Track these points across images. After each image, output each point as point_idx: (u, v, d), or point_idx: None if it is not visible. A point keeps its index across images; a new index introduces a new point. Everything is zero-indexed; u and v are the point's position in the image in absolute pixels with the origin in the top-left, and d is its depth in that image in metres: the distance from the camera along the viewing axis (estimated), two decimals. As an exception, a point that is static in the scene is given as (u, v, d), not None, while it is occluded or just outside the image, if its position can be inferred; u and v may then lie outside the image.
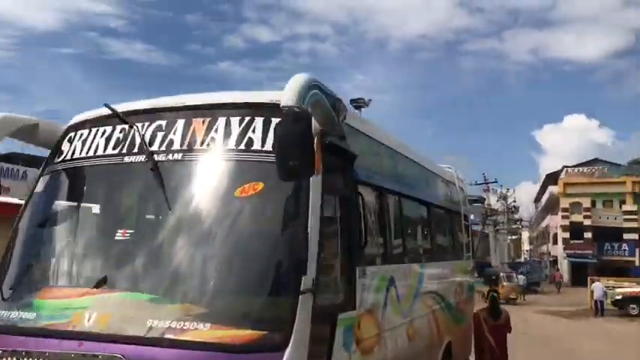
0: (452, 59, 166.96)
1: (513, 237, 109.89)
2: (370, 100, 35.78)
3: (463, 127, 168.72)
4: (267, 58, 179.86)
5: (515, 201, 50.62)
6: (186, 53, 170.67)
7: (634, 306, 24.95)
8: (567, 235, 52.41)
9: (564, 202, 53.35)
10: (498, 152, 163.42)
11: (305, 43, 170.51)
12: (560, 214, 53.47)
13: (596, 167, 57.13)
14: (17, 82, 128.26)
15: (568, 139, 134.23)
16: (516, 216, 58.09)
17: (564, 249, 51.94)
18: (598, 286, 26.19)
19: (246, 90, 4.57)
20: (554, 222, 58.37)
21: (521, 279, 36.68)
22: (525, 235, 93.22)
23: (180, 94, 4.32)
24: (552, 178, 61.57)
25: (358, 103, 35.92)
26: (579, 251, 50.90)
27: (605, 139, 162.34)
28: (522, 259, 63.37)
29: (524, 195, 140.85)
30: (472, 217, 18.28)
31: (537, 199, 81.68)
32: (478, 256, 47.54)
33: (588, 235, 51.42)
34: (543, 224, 63.27)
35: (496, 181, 43.94)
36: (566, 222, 52.58)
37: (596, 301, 25.69)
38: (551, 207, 61.47)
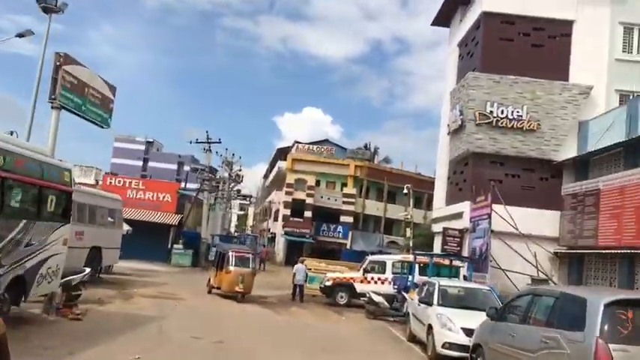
0: (207, 31, 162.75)
1: (241, 212, 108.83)
2: (66, 4, 26.70)
3: (210, 101, 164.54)
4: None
5: (241, 169, 46.03)
6: None
7: (343, 294, 21.46)
8: (288, 211, 50.12)
9: (290, 178, 50.98)
10: (240, 132, 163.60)
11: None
12: (284, 189, 50.98)
13: (325, 147, 56.41)
14: None
15: (305, 129, 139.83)
16: (241, 187, 54.06)
17: (283, 226, 49.51)
18: (300, 269, 22.05)
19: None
20: (279, 198, 56.10)
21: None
22: (252, 210, 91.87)
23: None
24: (283, 154, 59.36)
25: (47, 5, 26.04)
26: (297, 229, 49.00)
27: (335, 134, 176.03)
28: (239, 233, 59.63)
29: (260, 175, 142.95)
30: None
31: (266, 175, 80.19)
32: (188, 224, 41.71)
33: (309, 213, 49.86)
34: (268, 199, 60.83)
35: (220, 141, 38.23)
36: (289, 198, 50.27)
37: (295, 285, 21.61)
38: (278, 182, 59.20)
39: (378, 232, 54.63)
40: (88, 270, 13.66)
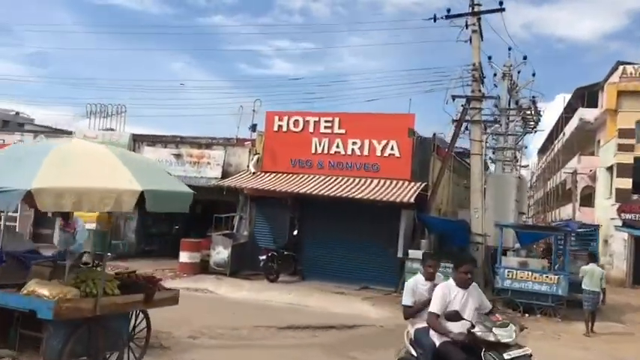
0: (445, 27, 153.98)
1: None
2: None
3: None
4: (259, 14, 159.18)
5: (534, 97, 23.70)
6: (177, 3, 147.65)
7: None
8: (627, 182, 26.72)
9: (621, 121, 27.53)
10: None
11: (298, 0, 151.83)
12: (615, 141, 27.56)
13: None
14: (2, 22, 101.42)
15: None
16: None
17: (618, 210, 26.27)
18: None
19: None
20: (588, 165, 32.88)
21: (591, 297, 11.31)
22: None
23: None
24: (587, 97, 35.59)
25: None
26: (654, 215, 25.47)
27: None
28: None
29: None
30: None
31: (543, 148, 56.26)
32: (441, 206, 21.39)
33: (669, 184, 25.88)
34: (565, 170, 37.41)
35: (502, 7, 16.80)
36: (627, 158, 26.80)
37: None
38: (582, 142, 35.83)
39: None
40: None
